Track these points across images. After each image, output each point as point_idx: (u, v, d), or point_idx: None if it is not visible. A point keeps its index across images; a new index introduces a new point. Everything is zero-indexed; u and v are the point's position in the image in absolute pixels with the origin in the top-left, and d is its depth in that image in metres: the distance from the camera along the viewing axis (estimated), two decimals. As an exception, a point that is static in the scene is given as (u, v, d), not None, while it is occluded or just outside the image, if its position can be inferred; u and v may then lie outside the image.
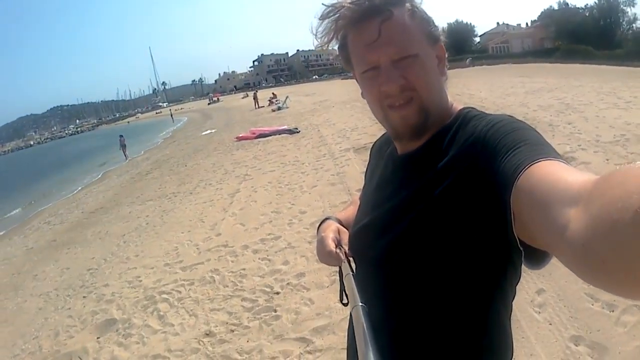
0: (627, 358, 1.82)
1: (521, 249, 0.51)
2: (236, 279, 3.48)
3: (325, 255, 0.73)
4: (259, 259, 3.78)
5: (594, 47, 31.70)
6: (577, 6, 44.39)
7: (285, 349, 2.41)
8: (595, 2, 40.67)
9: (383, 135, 0.81)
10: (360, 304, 0.59)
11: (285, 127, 12.16)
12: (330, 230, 0.77)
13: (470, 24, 57.67)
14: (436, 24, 0.66)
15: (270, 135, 11.46)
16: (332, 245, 0.72)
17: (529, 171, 0.45)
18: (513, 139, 0.52)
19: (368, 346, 0.51)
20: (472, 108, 0.66)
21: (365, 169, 0.86)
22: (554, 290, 2.38)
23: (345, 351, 0.81)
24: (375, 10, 0.59)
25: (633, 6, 38.51)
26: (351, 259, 0.72)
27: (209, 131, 18.97)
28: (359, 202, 0.81)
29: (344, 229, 0.79)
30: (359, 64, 0.65)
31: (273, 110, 20.12)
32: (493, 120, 0.58)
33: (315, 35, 0.64)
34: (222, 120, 24.45)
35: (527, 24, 55.94)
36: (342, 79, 46.05)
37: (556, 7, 46.23)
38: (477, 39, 57.44)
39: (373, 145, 0.85)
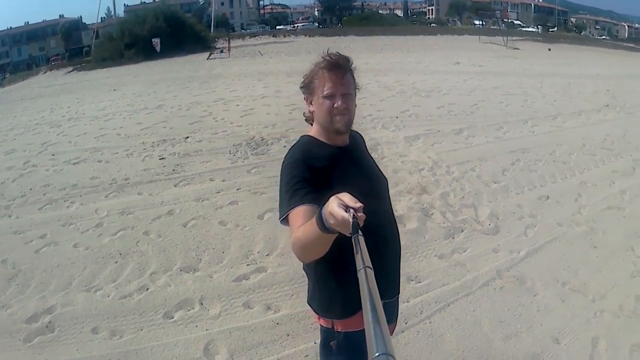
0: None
1: None
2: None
3: (341, 225, 0.80)
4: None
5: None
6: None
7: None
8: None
9: (295, 157, 1.21)
10: (367, 266, 0.62)
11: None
12: (333, 202, 0.82)
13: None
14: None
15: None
16: (342, 213, 0.79)
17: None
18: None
19: (367, 308, 0.55)
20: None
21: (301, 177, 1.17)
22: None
23: None
24: (342, 67, 1.21)
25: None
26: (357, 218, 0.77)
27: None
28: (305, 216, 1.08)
29: (340, 193, 0.85)
30: (323, 90, 1.20)
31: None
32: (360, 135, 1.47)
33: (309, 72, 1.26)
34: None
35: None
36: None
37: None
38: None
39: (297, 161, 1.19)
